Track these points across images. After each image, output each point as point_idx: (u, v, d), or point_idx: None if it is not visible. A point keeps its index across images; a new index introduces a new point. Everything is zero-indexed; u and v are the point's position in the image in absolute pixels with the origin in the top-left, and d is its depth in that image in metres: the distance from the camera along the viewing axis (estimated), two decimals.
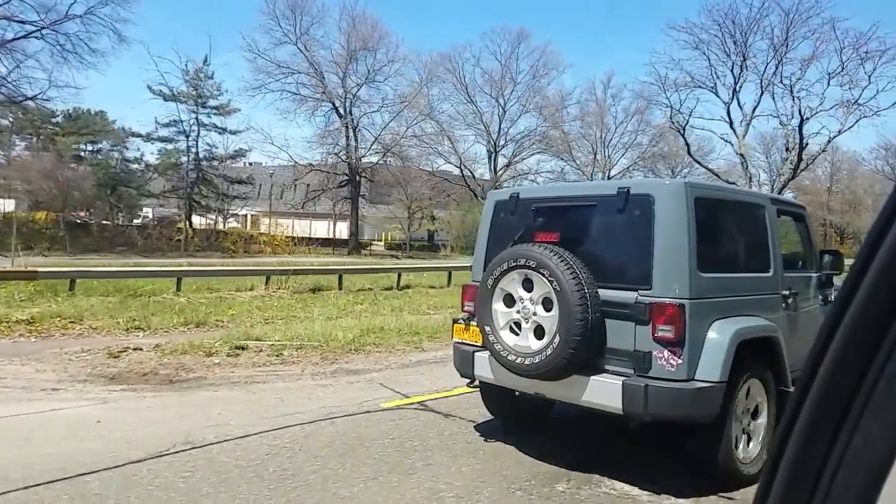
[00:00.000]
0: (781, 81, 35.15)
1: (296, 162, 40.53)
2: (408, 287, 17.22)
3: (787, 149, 35.20)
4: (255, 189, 46.56)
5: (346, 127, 40.39)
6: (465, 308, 4.59)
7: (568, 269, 3.72)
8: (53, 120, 38.55)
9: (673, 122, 37.01)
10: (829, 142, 33.62)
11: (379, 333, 9.03)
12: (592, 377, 3.79)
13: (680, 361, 3.59)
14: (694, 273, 3.68)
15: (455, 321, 4.65)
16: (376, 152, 42.24)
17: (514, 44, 47.07)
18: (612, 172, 49.58)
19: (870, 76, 32.73)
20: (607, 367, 3.82)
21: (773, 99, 36.09)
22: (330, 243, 43.00)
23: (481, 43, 75.37)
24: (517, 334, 3.99)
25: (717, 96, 37.19)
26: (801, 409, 0.55)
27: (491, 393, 4.72)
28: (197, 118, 39.69)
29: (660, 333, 3.63)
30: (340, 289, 15.78)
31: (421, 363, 7.54)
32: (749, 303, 4.10)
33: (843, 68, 33.32)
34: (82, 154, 42.03)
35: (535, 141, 47.87)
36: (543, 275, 3.79)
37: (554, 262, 3.75)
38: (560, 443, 4.63)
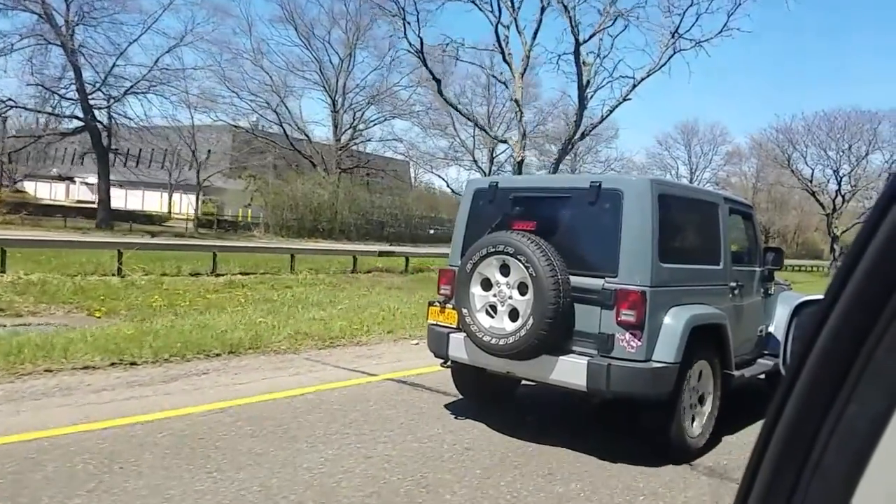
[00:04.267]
0: None
1: None
2: None
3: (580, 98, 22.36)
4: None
5: (71, 57, 27.42)
6: (441, 291, 4.83)
7: (543, 256, 4.01)
8: None
9: (409, 42, 21.80)
10: (633, 87, 21.45)
11: None
12: (560, 357, 4.10)
13: (640, 343, 3.93)
14: (655, 263, 4.03)
15: (430, 304, 4.88)
16: (133, 92, 29.66)
17: None
18: (498, 151, 40.19)
19: None
20: (574, 348, 4.13)
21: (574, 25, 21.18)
22: (65, 212, 32.27)
23: None
24: (493, 316, 4.26)
25: (487, 13, 21.52)
26: (797, 383, 0.56)
27: (462, 373, 4.97)
28: None
29: (623, 317, 3.96)
30: None
31: None
32: (701, 292, 4.49)
33: None
34: None
35: (389, 103, 39.38)
36: (520, 261, 4.06)
37: (531, 250, 4.03)
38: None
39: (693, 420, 4.33)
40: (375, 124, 41.83)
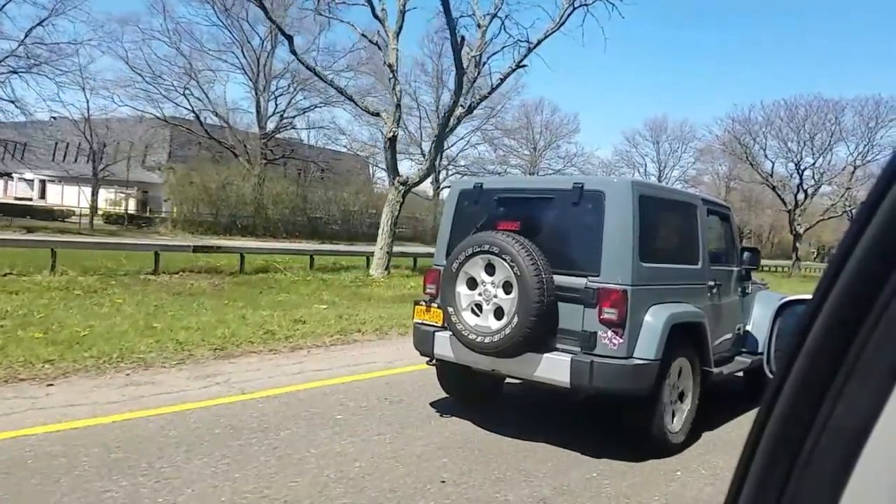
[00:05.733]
0: None
1: None
2: None
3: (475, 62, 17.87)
4: None
5: None
6: (427, 290, 4.88)
7: (528, 255, 4.08)
8: None
9: None
10: (529, 51, 17.74)
11: None
12: (545, 354, 4.18)
13: (621, 341, 4.03)
14: (636, 263, 4.13)
15: (416, 303, 4.93)
16: (12, 71, 25.22)
17: None
18: (449, 143, 36.64)
19: None
20: (558, 345, 4.22)
21: None
22: None
23: None
24: (478, 315, 4.32)
25: None
26: (786, 382, 0.56)
27: (447, 372, 5.03)
28: None
29: (605, 315, 4.05)
30: None
31: None
32: (680, 291, 4.59)
33: None
34: None
35: (320, 90, 35.00)
36: (505, 260, 4.13)
37: (515, 249, 4.10)
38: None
39: (673, 416, 4.44)
40: (305, 112, 37.93)
